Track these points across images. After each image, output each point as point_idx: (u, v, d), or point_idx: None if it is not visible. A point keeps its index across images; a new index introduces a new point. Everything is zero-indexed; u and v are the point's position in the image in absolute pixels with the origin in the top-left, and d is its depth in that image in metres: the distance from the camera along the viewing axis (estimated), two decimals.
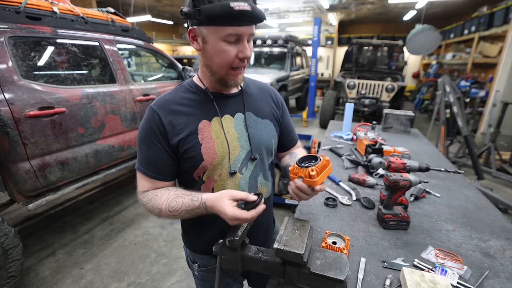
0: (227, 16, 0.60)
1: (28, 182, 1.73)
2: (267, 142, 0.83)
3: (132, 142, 2.46)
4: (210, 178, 0.77)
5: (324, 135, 2.27)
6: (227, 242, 0.66)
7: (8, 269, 1.59)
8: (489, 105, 4.22)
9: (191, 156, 0.73)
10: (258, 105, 0.84)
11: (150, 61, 4.78)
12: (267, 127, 0.84)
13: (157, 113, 0.72)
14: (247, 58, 0.68)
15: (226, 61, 0.67)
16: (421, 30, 4.90)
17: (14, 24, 1.70)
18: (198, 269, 0.91)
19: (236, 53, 0.67)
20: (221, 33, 0.64)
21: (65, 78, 1.99)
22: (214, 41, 0.65)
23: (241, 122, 0.79)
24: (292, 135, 0.97)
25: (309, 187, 0.68)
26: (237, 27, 0.63)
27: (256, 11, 0.63)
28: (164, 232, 2.42)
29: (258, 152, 0.81)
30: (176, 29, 11.48)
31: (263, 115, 0.84)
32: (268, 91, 0.91)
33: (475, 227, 1.03)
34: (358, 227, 1.03)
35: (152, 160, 0.74)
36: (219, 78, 0.72)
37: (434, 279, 0.72)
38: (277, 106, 0.90)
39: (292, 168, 0.71)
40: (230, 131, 0.77)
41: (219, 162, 0.75)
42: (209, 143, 0.74)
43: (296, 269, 0.62)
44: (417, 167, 1.02)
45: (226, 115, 0.77)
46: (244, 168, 0.79)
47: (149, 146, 0.73)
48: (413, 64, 9.61)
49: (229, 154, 0.76)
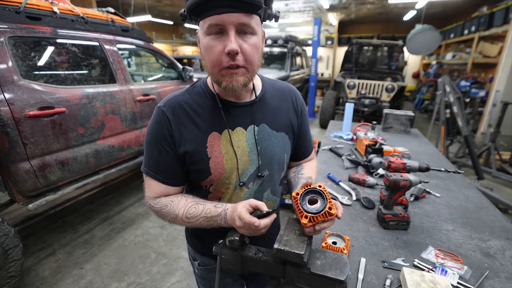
0: (202, 5, 0.55)
1: (28, 182, 1.73)
2: (279, 157, 0.78)
3: (132, 142, 2.46)
4: (216, 190, 0.75)
5: (324, 135, 2.27)
6: (227, 242, 0.66)
7: (8, 269, 1.59)
8: (489, 105, 4.22)
9: (199, 169, 0.71)
10: (275, 115, 0.76)
11: (150, 61, 4.78)
12: (281, 141, 0.77)
13: (167, 116, 0.68)
14: (236, 53, 0.58)
15: (214, 58, 0.60)
16: (421, 30, 4.90)
17: (14, 24, 1.70)
18: (198, 267, 0.91)
19: (222, 48, 0.58)
20: (204, 27, 0.58)
21: (65, 78, 1.99)
22: (202, 38, 0.61)
23: (253, 136, 0.73)
24: (307, 145, 0.88)
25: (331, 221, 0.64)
26: (216, 15, 0.55)
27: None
28: (164, 232, 2.42)
29: (268, 168, 0.76)
30: (176, 29, 11.48)
31: (278, 128, 0.77)
32: (290, 94, 0.82)
33: (475, 227, 1.03)
34: (358, 227, 1.03)
35: (162, 165, 0.71)
36: (215, 80, 0.64)
37: (434, 279, 0.72)
38: (296, 114, 0.81)
39: (298, 209, 0.64)
40: (241, 145, 0.72)
41: (227, 177, 0.72)
42: (218, 157, 0.70)
43: (296, 269, 0.62)
44: (417, 167, 1.02)
45: (238, 128, 0.72)
46: (251, 183, 0.76)
47: (160, 151, 0.69)
48: (413, 64, 9.61)
49: (238, 170, 0.72)
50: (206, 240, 0.85)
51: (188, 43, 11.40)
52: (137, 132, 2.52)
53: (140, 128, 2.55)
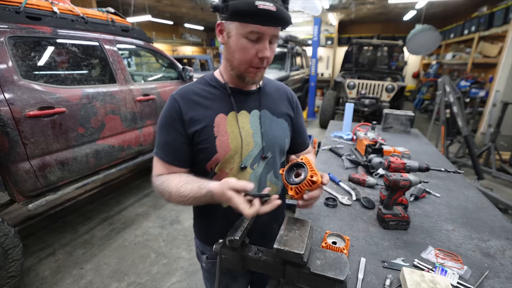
0: (250, 14, 0.62)
1: (28, 182, 1.73)
2: (281, 140, 0.85)
3: (132, 142, 2.46)
4: (221, 170, 0.79)
5: (324, 135, 2.27)
6: (227, 242, 0.66)
7: (8, 269, 1.59)
8: (489, 105, 4.22)
9: (205, 148, 0.76)
10: (274, 104, 0.86)
11: (150, 61, 4.78)
12: (281, 126, 0.86)
13: (177, 101, 0.75)
14: (266, 59, 0.70)
15: (246, 58, 0.69)
16: (421, 30, 4.90)
17: (14, 24, 1.70)
18: (206, 261, 0.92)
19: (255, 52, 0.68)
20: (244, 30, 0.66)
21: (65, 78, 1.99)
22: (237, 37, 0.67)
23: (257, 119, 0.81)
24: (303, 138, 0.97)
25: (318, 189, 0.69)
26: (259, 25, 0.64)
27: (282, 13, 0.64)
28: (164, 232, 2.42)
29: (270, 150, 0.83)
30: (176, 29, 11.47)
31: (278, 114, 0.85)
32: (285, 91, 0.92)
33: (475, 227, 1.03)
34: (358, 227, 1.03)
35: (169, 146, 0.77)
36: (238, 73, 0.74)
37: (434, 279, 0.71)
38: (292, 107, 0.91)
39: (285, 184, 0.70)
40: (245, 126, 0.79)
41: (232, 156, 0.77)
42: (223, 136, 0.76)
43: (296, 269, 0.62)
44: (417, 167, 1.02)
45: (242, 111, 0.79)
46: (255, 164, 0.81)
47: (168, 132, 0.76)
48: (413, 64, 9.61)
49: (242, 149, 0.78)
50: (215, 228, 0.87)
51: (188, 43, 11.39)
52: (137, 132, 2.52)
53: (140, 128, 2.55)
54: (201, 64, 8.01)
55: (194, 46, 12.18)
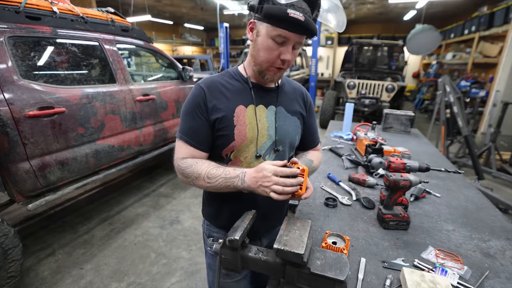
0: (281, 20, 0.69)
1: (28, 182, 1.73)
2: (292, 136, 0.91)
3: (132, 142, 2.46)
4: (236, 158, 0.85)
5: (324, 135, 2.27)
6: (227, 242, 0.66)
7: (7, 269, 1.59)
8: (489, 105, 4.22)
9: (224, 135, 0.82)
10: (290, 102, 0.92)
11: (150, 61, 4.78)
12: (294, 123, 0.92)
13: (203, 90, 0.82)
14: (287, 61, 0.77)
15: (269, 58, 0.76)
16: (421, 30, 4.90)
17: (14, 24, 1.70)
18: (211, 243, 0.92)
19: (279, 54, 0.75)
20: (272, 32, 0.73)
21: (65, 78, 1.99)
22: (265, 37, 0.74)
23: (273, 114, 0.87)
24: (314, 136, 1.03)
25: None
26: (287, 31, 0.71)
27: (309, 24, 0.70)
28: (164, 232, 2.42)
29: (282, 144, 0.88)
30: (176, 29, 11.47)
31: (292, 112, 0.92)
32: (302, 92, 0.98)
33: (475, 227, 1.03)
34: (358, 227, 1.03)
35: (194, 130, 0.82)
36: (260, 70, 0.80)
37: (434, 279, 0.71)
38: (305, 107, 0.98)
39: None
40: (262, 119, 0.85)
41: (247, 145, 0.83)
42: (242, 126, 0.82)
43: (296, 269, 0.62)
44: (417, 167, 1.02)
45: (260, 105, 0.86)
46: (267, 156, 0.87)
47: (193, 117, 0.82)
48: (413, 64, 9.60)
49: (257, 140, 0.84)
50: (223, 210, 0.92)
51: (188, 43, 11.39)
52: (137, 132, 2.52)
53: (140, 128, 2.54)
54: (201, 64, 8.01)
55: (194, 46, 12.17)
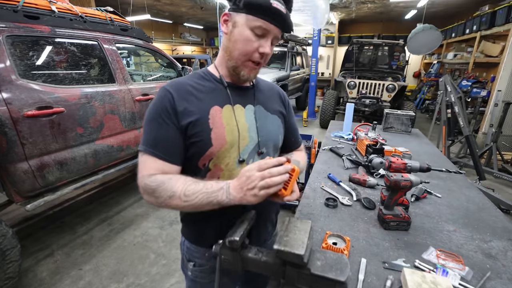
0: (263, 9, 0.67)
1: (26, 183, 1.72)
2: (275, 136, 0.85)
3: (131, 142, 2.45)
4: (216, 166, 0.74)
5: (325, 135, 2.26)
6: (227, 243, 0.65)
7: (5, 270, 1.58)
8: (490, 105, 4.21)
9: (199, 141, 0.71)
10: (268, 100, 0.86)
11: (149, 61, 4.77)
12: (275, 122, 0.86)
13: (170, 92, 0.71)
14: (265, 55, 0.72)
15: (247, 50, 0.71)
16: (422, 29, 4.87)
17: (12, 23, 1.69)
18: (192, 269, 0.87)
19: (257, 46, 0.70)
20: (252, 23, 0.68)
21: (64, 78, 1.98)
22: (243, 28, 0.69)
23: (252, 113, 0.80)
24: (296, 136, 0.98)
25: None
26: (268, 22, 0.68)
27: (287, 18, 0.70)
28: (163, 232, 2.41)
29: (265, 146, 0.81)
30: (176, 28, 11.46)
31: (272, 111, 0.86)
32: (277, 90, 0.94)
33: (476, 228, 1.02)
34: (359, 227, 1.02)
35: (162, 140, 0.70)
36: (235, 66, 0.74)
37: (436, 280, 0.71)
38: (284, 106, 0.93)
39: None
40: (241, 120, 0.77)
41: (228, 149, 0.73)
42: (219, 128, 0.72)
43: (296, 270, 0.61)
44: (418, 167, 1.01)
45: (237, 105, 0.78)
46: (251, 160, 0.78)
47: (160, 125, 0.70)
48: (414, 63, 9.59)
49: (239, 143, 0.75)
50: (206, 231, 0.82)
51: (188, 43, 11.39)
52: (136, 132, 2.51)
53: (139, 128, 2.54)
54: (201, 63, 8.01)
55: (194, 46, 12.17)
